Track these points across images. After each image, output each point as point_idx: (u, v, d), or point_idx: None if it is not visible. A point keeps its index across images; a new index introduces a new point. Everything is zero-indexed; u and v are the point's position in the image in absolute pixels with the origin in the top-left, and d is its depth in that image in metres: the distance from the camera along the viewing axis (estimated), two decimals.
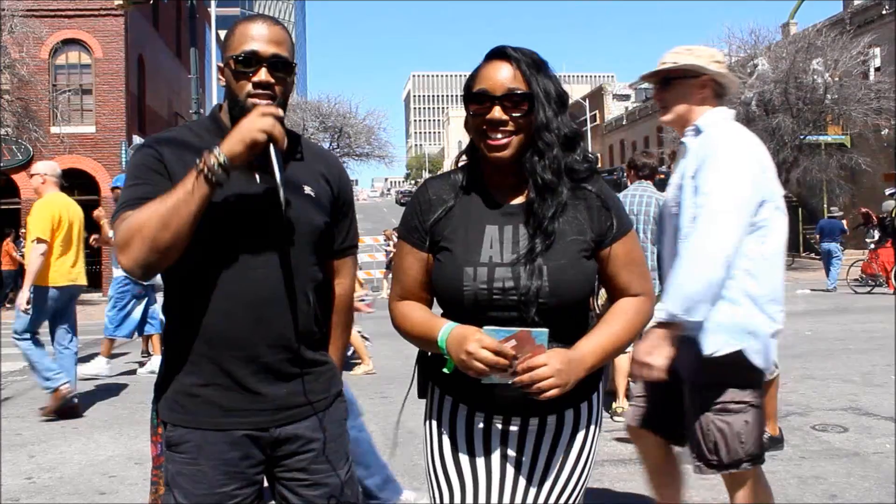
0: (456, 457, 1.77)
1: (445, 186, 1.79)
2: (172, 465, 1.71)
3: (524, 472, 1.72)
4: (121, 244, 1.59)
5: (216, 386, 1.69)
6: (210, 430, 1.68)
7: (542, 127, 1.66)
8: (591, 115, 52.05)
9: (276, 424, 1.72)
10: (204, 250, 1.64)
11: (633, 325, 1.73)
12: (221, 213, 1.64)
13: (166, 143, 1.75)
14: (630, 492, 3.95)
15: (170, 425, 1.72)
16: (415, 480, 3.94)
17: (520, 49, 1.69)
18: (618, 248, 1.74)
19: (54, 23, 19.94)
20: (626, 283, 1.75)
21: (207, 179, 1.55)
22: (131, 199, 1.64)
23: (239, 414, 1.69)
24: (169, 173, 1.67)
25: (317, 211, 1.78)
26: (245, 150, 1.57)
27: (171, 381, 1.72)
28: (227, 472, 1.68)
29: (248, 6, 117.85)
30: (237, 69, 1.70)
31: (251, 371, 1.69)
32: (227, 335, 1.67)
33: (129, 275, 1.69)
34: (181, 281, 1.71)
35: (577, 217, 1.70)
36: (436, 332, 1.66)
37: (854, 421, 5.19)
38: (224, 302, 1.67)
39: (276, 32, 1.73)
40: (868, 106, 21.80)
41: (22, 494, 4.18)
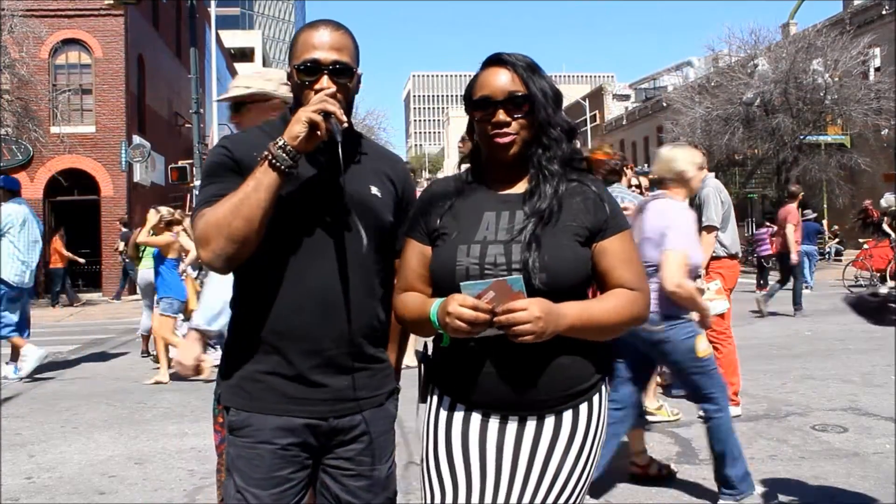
0: (452, 457, 1.77)
1: (449, 185, 1.88)
2: (233, 449, 1.78)
3: (520, 471, 1.71)
4: (200, 239, 1.67)
5: (280, 375, 1.75)
6: (271, 416, 1.74)
7: (545, 124, 1.77)
8: (591, 115, 52.04)
9: (334, 415, 1.78)
10: (274, 244, 1.71)
11: (623, 309, 1.73)
12: (292, 207, 1.71)
13: (238, 141, 1.83)
14: (630, 492, 3.95)
15: (233, 410, 1.78)
16: (414, 480, 3.94)
17: (513, 55, 1.80)
18: (614, 243, 1.76)
19: (54, 23, 19.90)
20: (621, 279, 1.76)
21: (273, 166, 1.62)
22: (207, 197, 1.72)
23: (300, 402, 1.75)
24: (241, 170, 1.72)
25: (382, 210, 1.84)
26: (305, 129, 1.63)
27: (236, 368, 1.79)
28: (284, 457, 1.74)
29: (247, 6, 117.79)
30: (300, 79, 1.76)
31: (314, 363, 1.75)
32: (294, 328, 1.74)
33: (210, 268, 1.80)
34: (251, 274, 1.77)
35: (573, 206, 1.76)
36: (428, 311, 1.71)
37: (854, 421, 5.19)
38: (292, 295, 1.74)
39: (337, 38, 1.77)
40: (868, 106, 21.80)
41: (22, 494, 4.18)
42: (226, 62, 38.17)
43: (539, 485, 1.70)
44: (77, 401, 6.63)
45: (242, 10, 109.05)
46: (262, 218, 1.63)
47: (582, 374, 1.76)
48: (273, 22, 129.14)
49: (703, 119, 24.15)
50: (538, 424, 1.73)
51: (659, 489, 3.97)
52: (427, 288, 1.83)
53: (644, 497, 3.87)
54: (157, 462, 4.69)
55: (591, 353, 1.77)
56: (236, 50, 50.10)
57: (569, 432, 1.74)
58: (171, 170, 16.73)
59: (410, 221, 1.90)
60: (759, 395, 6.08)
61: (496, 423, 1.74)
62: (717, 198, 5.59)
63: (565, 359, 1.72)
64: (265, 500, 1.73)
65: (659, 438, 4.92)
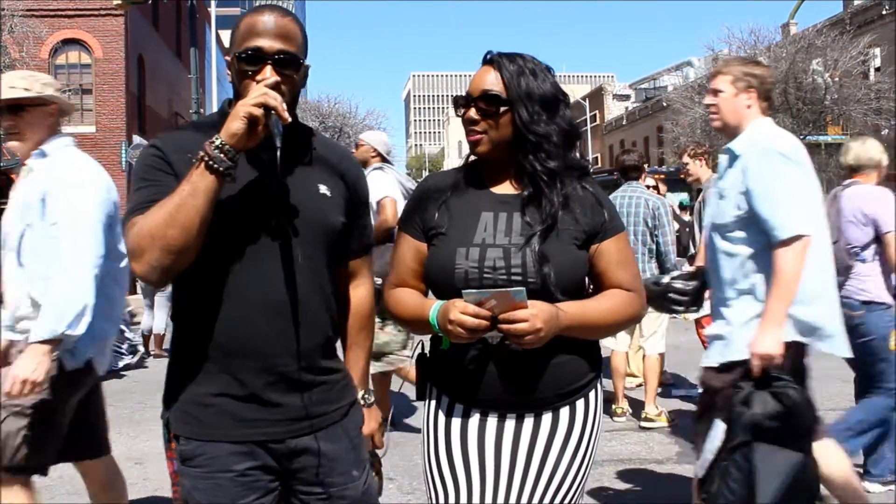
0: (451, 456, 1.77)
1: (446, 180, 1.87)
2: (188, 481, 1.63)
3: (520, 469, 1.72)
4: (133, 251, 1.52)
5: (230, 396, 1.61)
6: (224, 442, 1.60)
7: (525, 124, 1.73)
8: (591, 115, 52.06)
9: (291, 435, 1.64)
10: (214, 254, 1.56)
11: (618, 310, 1.75)
12: (232, 212, 1.57)
13: (170, 140, 1.67)
14: (631, 492, 3.95)
15: (183, 438, 1.63)
16: (414, 480, 3.95)
17: (510, 55, 1.78)
18: (610, 244, 1.77)
19: (54, 23, 19.93)
20: (616, 280, 1.77)
21: (210, 168, 1.47)
22: (138, 203, 1.56)
23: (253, 424, 1.61)
24: (175, 171, 1.58)
25: (333, 210, 1.71)
26: (244, 126, 1.47)
27: (182, 390, 1.64)
28: (244, 484, 1.60)
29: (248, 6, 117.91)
30: (241, 67, 1.61)
31: (266, 381, 1.61)
32: (242, 344, 1.59)
33: (145, 282, 1.63)
34: (191, 286, 1.62)
35: (571, 209, 1.75)
36: (427, 312, 1.71)
37: None
38: (238, 308, 1.59)
39: (283, 25, 1.62)
40: (868, 106, 21.80)
41: None
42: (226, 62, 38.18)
43: (537, 482, 1.71)
44: None
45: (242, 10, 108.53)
46: (199, 225, 1.48)
47: (577, 372, 1.77)
48: None
49: (703, 119, 24.12)
50: (535, 422, 1.74)
51: (659, 489, 3.97)
52: (420, 284, 1.84)
53: (644, 497, 3.87)
54: (157, 462, 4.67)
55: (586, 351, 1.79)
56: None
57: (566, 429, 1.75)
58: None
59: (405, 215, 1.88)
60: None
61: (494, 421, 1.75)
62: None
63: (561, 357, 1.73)
64: None
65: (659, 439, 4.93)
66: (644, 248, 5.26)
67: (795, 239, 2.51)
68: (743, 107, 2.78)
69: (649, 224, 5.26)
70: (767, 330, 2.49)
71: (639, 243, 5.22)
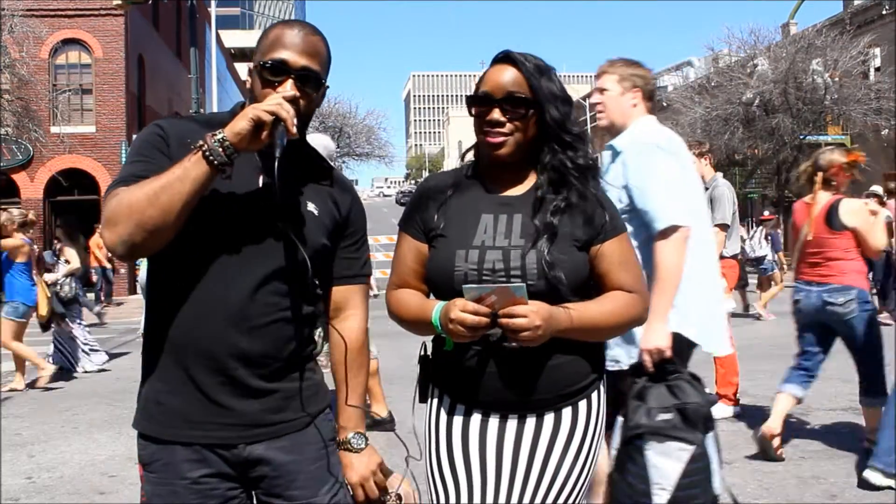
0: (452, 457, 1.77)
1: (446, 180, 1.86)
2: (149, 486, 1.63)
3: (522, 470, 1.72)
4: (108, 220, 1.49)
5: (181, 394, 1.58)
6: (177, 445, 1.58)
7: (559, 123, 1.74)
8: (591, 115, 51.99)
9: (243, 441, 1.60)
10: (191, 247, 1.55)
11: (620, 312, 1.74)
12: (214, 211, 1.55)
13: (176, 124, 1.67)
14: None
15: (141, 440, 1.63)
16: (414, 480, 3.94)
17: (524, 54, 1.75)
18: (611, 245, 1.76)
19: (54, 23, 19.90)
20: (619, 281, 1.76)
21: (206, 158, 1.46)
22: (127, 175, 1.55)
23: (203, 427, 1.58)
24: (171, 154, 1.56)
25: (316, 229, 1.67)
26: (249, 127, 1.47)
27: (143, 384, 1.65)
28: (200, 492, 1.58)
29: (247, 6, 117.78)
30: (264, 76, 1.60)
31: (217, 382, 1.57)
32: (195, 342, 1.57)
33: (111, 253, 1.60)
34: (162, 278, 1.62)
35: (572, 210, 1.74)
36: (429, 314, 1.70)
37: (854, 421, 5.18)
38: (199, 306, 1.57)
39: (311, 43, 1.62)
40: (868, 106, 21.80)
41: (22, 494, 4.18)
42: (226, 62, 38.15)
43: (539, 482, 1.71)
44: (77, 401, 6.64)
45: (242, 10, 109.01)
46: (180, 211, 1.45)
47: (579, 373, 1.76)
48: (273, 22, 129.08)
49: (702, 119, 24.14)
50: (538, 422, 1.74)
51: None
52: (421, 284, 1.83)
53: None
54: None
55: (589, 352, 1.78)
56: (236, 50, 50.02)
57: (568, 430, 1.75)
58: None
59: (405, 215, 1.87)
60: (759, 395, 6.07)
61: (496, 422, 1.75)
62: (730, 199, 5.68)
63: (563, 358, 1.72)
64: None
65: None
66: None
67: (673, 230, 2.51)
68: (629, 106, 2.82)
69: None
70: (653, 323, 2.42)
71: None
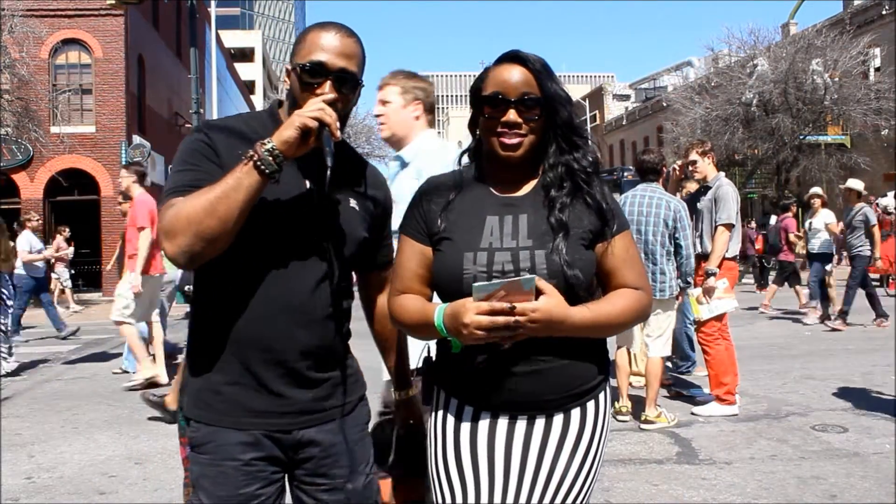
0: (460, 457, 1.76)
1: (447, 182, 1.84)
2: (197, 467, 1.70)
3: (530, 471, 1.71)
4: (167, 231, 1.56)
5: (241, 385, 1.68)
6: (232, 430, 1.67)
7: (569, 124, 1.75)
8: (591, 115, 52.05)
9: (297, 427, 1.71)
10: (244, 249, 1.63)
11: (627, 310, 1.74)
12: (267, 214, 1.63)
13: (219, 129, 1.72)
14: (630, 492, 3.95)
15: (193, 423, 1.71)
16: None
17: (531, 54, 1.75)
18: (616, 243, 1.76)
19: (54, 23, 19.90)
20: (624, 278, 1.76)
21: (257, 168, 1.53)
22: (180, 185, 1.62)
23: (262, 415, 1.68)
24: (220, 160, 1.64)
25: (359, 224, 1.79)
26: (296, 136, 1.55)
27: (198, 378, 1.72)
28: (249, 473, 1.67)
29: (247, 6, 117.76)
30: (303, 79, 1.67)
31: (277, 374, 1.68)
32: (257, 337, 1.66)
33: (173, 263, 1.67)
34: (216, 279, 1.69)
35: (577, 209, 1.74)
36: (432, 317, 1.67)
37: (854, 421, 5.19)
38: (258, 304, 1.66)
39: (348, 45, 1.69)
40: (868, 106, 21.81)
41: (22, 494, 4.18)
42: (226, 62, 38.16)
43: (548, 484, 1.70)
44: (77, 401, 6.63)
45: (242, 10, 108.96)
46: (237, 220, 1.54)
47: (587, 374, 1.76)
48: (273, 22, 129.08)
49: (702, 119, 24.15)
50: (547, 423, 1.73)
51: (659, 489, 3.97)
52: (425, 289, 1.80)
53: (644, 497, 3.87)
54: (157, 462, 4.69)
55: (595, 352, 1.78)
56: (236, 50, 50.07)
57: (577, 431, 1.74)
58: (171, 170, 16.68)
59: (406, 218, 1.84)
60: (759, 395, 6.08)
61: (505, 423, 1.74)
62: (735, 198, 5.69)
63: (571, 359, 1.72)
64: None
65: (659, 439, 4.93)
66: (663, 251, 5.17)
67: None
68: (411, 118, 2.84)
69: (669, 226, 5.17)
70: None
71: (657, 245, 5.14)
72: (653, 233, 5.15)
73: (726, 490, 3.92)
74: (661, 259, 5.17)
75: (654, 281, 5.12)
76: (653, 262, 5.15)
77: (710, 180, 5.89)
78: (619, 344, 5.43)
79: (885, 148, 24.58)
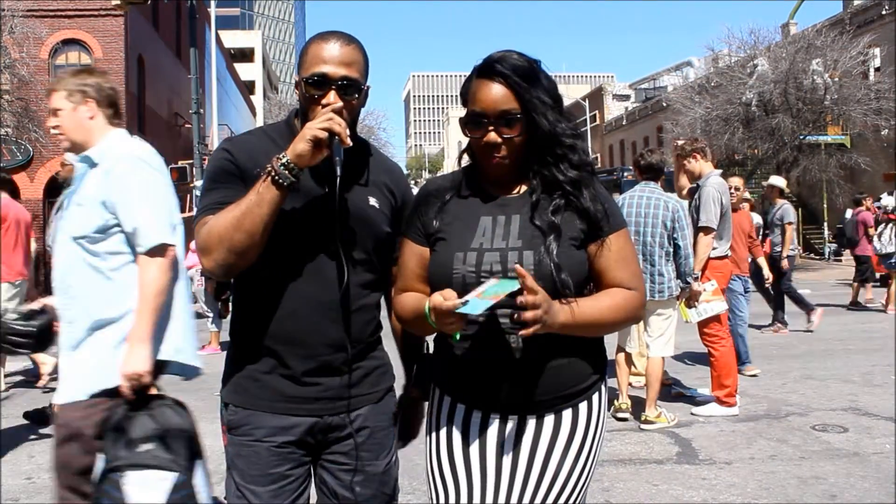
0: (453, 457, 1.77)
1: (445, 184, 1.86)
2: (232, 448, 1.84)
3: (521, 471, 1.72)
4: (202, 248, 1.73)
5: (276, 374, 1.81)
6: (267, 414, 1.80)
7: (549, 135, 1.71)
8: (591, 115, 52.02)
9: (329, 413, 1.83)
10: (276, 255, 1.77)
11: (618, 308, 1.73)
12: (292, 218, 1.76)
13: (241, 145, 1.86)
14: (630, 492, 3.95)
15: (231, 407, 1.84)
16: (414, 480, 3.95)
17: (507, 60, 1.70)
18: (610, 242, 1.75)
19: (54, 23, 19.90)
20: (617, 278, 1.76)
21: (275, 182, 1.65)
22: (210, 204, 1.77)
23: (297, 401, 1.81)
24: (242, 176, 1.77)
25: (380, 221, 1.89)
26: (309, 147, 1.66)
27: (237, 370, 1.86)
28: (280, 454, 1.80)
29: (247, 6, 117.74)
30: (308, 91, 1.78)
31: (309, 367, 1.81)
32: (289, 333, 1.80)
33: (213, 276, 1.80)
34: (250, 280, 1.82)
35: (570, 209, 1.73)
36: (423, 308, 1.68)
37: (854, 421, 5.20)
38: (292, 303, 1.80)
39: (347, 53, 1.78)
40: (868, 106, 21.78)
41: (22, 494, 4.18)
42: (226, 62, 38.17)
43: (539, 484, 1.71)
44: None
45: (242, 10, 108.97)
46: (263, 231, 1.68)
47: (580, 374, 1.76)
48: (273, 22, 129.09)
49: (703, 119, 24.13)
50: (538, 423, 1.74)
51: (659, 489, 3.97)
52: (426, 287, 1.82)
53: (644, 497, 3.87)
54: None
55: (590, 353, 1.78)
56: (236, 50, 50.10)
57: (569, 431, 1.75)
58: (171, 170, 16.66)
59: (406, 221, 1.89)
60: (759, 395, 6.08)
61: (496, 422, 1.74)
62: (717, 199, 5.56)
63: (563, 360, 1.72)
64: (263, 496, 1.79)
65: (659, 439, 4.93)
66: (661, 251, 5.13)
67: (161, 249, 2.41)
68: (86, 119, 2.66)
69: (668, 227, 5.13)
70: (135, 347, 2.33)
71: (656, 245, 5.11)
72: (651, 234, 5.13)
73: (726, 490, 3.92)
74: (659, 260, 5.14)
75: (653, 282, 5.11)
76: (651, 263, 5.13)
77: (701, 180, 5.79)
78: (619, 344, 5.44)
79: (885, 148, 24.57)
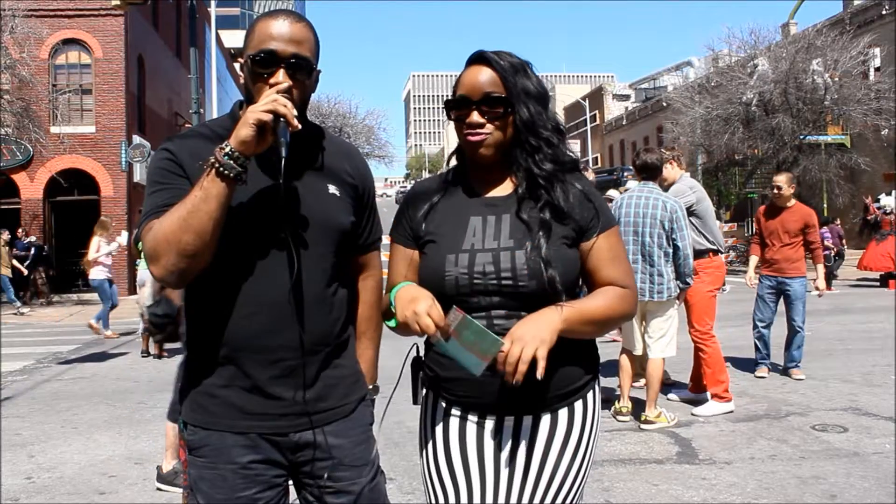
0: (449, 458, 1.77)
1: (432, 185, 1.86)
2: (194, 470, 1.69)
3: (518, 471, 1.72)
4: (150, 256, 1.54)
5: (236, 388, 1.66)
6: (229, 433, 1.65)
7: (529, 124, 1.71)
8: (591, 115, 52.03)
9: (295, 429, 1.68)
10: (224, 254, 1.60)
11: (614, 306, 1.73)
12: (240, 217, 1.60)
13: (181, 142, 1.69)
14: (630, 492, 3.95)
15: (190, 427, 1.70)
16: (414, 480, 3.95)
17: (499, 52, 1.74)
18: (601, 241, 1.75)
19: (54, 23, 19.89)
20: (609, 276, 1.75)
21: (220, 174, 1.50)
22: (154, 206, 1.60)
23: (258, 417, 1.66)
24: (186, 173, 1.62)
25: (342, 211, 1.75)
26: (252, 133, 1.50)
27: (193, 383, 1.70)
28: (247, 476, 1.65)
29: (247, 6, 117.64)
30: (254, 70, 1.62)
31: (271, 374, 1.65)
32: (247, 337, 1.64)
33: (164, 284, 1.67)
34: (202, 283, 1.65)
35: (559, 208, 1.73)
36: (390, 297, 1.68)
37: (854, 421, 5.19)
38: (245, 304, 1.64)
39: (297, 30, 1.64)
40: (868, 106, 21.78)
41: (22, 494, 4.18)
42: (226, 62, 38.15)
43: (537, 484, 1.71)
44: (77, 401, 6.64)
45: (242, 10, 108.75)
46: (213, 230, 1.51)
47: (575, 374, 1.76)
48: None
49: (703, 119, 24.13)
50: (534, 423, 1.74)
51: (659, 489, 3.97)
52: None
53: (644, 497, 3.87)
54: (157, 462, 4.69)
55: (583, 353, 1.78)
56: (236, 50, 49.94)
57: (565, 430, 1.75)
58: None
59: (394, 223, 1.87)
60: (759, 395, 6.08)
61: (492, 424, 1.75)
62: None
63: (558, 359, 1.71)
64: None
65: (659, 439, 4.93)
66: (660, 251, 5.10)
67: None
68: None
69: (666, 227, 5.09)
70: None
71: (654, 246, 5.07)
72: (650, 234, 5.09)
73: (726, 490, 3.92)
74: (659, 260, 5.11)
75: (652, 283, 5.09)
76: (651, 263, 5.09)
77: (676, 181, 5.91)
78: (624, 346, 5.43)
79: (885, 148, 24.57)
